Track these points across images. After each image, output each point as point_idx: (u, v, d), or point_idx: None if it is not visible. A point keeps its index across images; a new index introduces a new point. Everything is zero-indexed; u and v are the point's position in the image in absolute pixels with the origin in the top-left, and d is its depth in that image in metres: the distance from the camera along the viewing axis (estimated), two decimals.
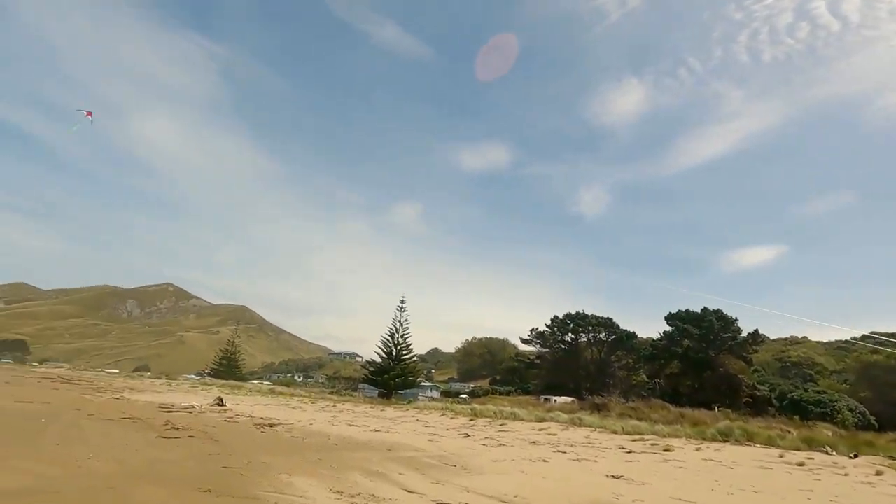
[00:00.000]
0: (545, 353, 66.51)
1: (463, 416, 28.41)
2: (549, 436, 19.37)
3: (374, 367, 57.93)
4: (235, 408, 22.24)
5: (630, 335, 59.36)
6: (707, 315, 49.37)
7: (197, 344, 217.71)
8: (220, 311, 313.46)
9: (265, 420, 16.35)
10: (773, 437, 22.12)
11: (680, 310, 51.99)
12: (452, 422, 24.30)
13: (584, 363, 61.48)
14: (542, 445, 14.24)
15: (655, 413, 30.42)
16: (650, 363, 54.43)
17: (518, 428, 22.23)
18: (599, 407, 33.20)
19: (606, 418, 28.54)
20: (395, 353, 57.45)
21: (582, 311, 61.66)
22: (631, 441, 18.98)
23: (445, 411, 32.03)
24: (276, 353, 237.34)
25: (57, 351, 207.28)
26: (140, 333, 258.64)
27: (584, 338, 62.22)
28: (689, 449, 17.07)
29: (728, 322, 48.63)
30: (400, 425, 19.29)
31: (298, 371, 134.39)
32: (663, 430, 23.47)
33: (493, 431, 19.25)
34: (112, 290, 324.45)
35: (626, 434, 22.22)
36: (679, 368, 50.40)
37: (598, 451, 13.77)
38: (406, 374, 56.17)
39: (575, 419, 27.75)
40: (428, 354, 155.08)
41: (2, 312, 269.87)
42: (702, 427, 24.57)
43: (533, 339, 65.87)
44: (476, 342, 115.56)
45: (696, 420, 27.85)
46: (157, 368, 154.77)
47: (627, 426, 24.28)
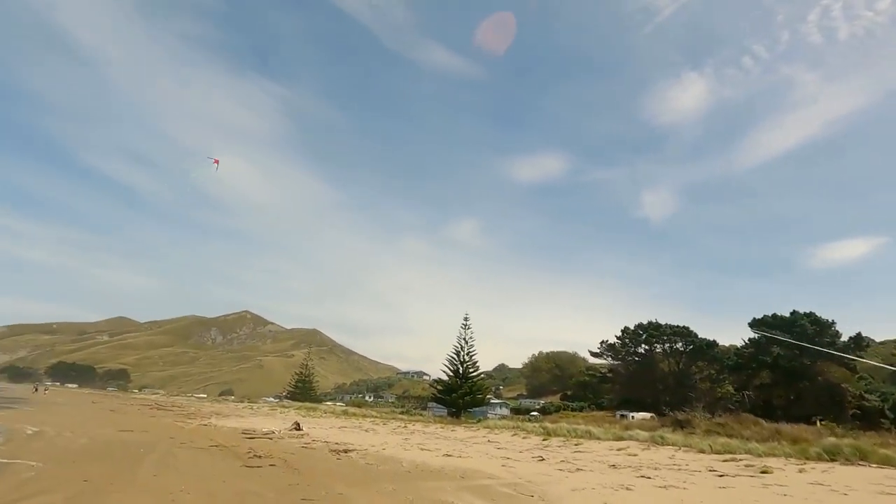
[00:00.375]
0: (618, 366, 63.71)
1: (535, 436, 27.63)
2: (630, 457, 18.34)
3: (442, 386, 57.99)
4: (312, 432, 23.00)
5: (710, 344, 55.50)
6: (798, 319, 45.17)
7: (274, 367, 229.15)
8: (294, 334, 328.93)
9: (340, 445, 16.75)
10: (891, 457, 19.63)
11: (766, 314, 47.97)
12: (525, 442, 23.68)
13: (661, 375, 58.14)
14: (624, 469, 13.47)
15: (747, 429, 27.96)
16: (736, 373, 50.46)
17: (595, 448, 21.24)
18: (682, 423, 31.02)
19: (691, 436, 26.60)
20: (462, 371, 57.25)
21: (655, 321, 58.62)
22: (721, 462, 17.53)
23: (517, 430, 31.33)
24: (346, 373, 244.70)
25: (153, 378, 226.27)
26: (223, 359, 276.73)
27: (659, 348, 58.98)
28: (791, 470, 15.48)
29: (824, 325, 44.22)
30: (471, 447, 19.04)
31: (369, 391, 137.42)
32: (758, 449, 21.48)
33: (568, 453, 18.51)
34: (197, 319, 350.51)
35: (716, 453, 20.56)
36: (770, 378, 46.34)
37: (686, 475, 12.81)
38: (474, 392, 55.74)
39: (656, 437, 26.12)
40: (495, 370, 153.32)
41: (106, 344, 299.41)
42: (803, 444, 22.23)
43: (603, 352, 63.38)
44: (543, 357, 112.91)
45: (795, 436, 25.27)
46: (240, 392, 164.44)
47: (716, 444, 22.49)
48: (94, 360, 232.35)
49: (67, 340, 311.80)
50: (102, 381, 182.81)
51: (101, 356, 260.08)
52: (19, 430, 17.94)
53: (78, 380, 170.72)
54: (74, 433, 17.42)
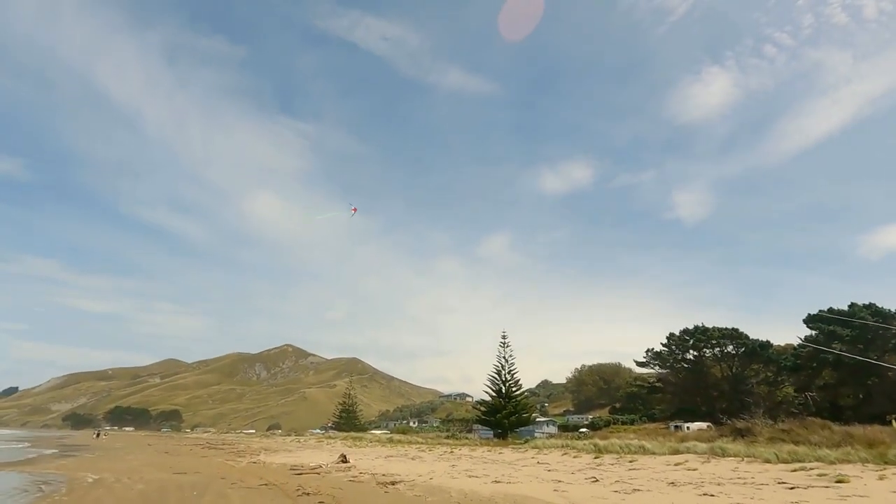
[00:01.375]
0: (666, 375, 61.24)
1: (586, 454, 26.70)
2: (689, 472, 17.40)
3: (486, 407, 57.08)
4: (358, 463, 22.93)
5: (764, 344, 52.69)
6: (858, 311, 42.48)
7: (318, 398, 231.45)
8: (335, 364, 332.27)
9: (387, 477, 16.59)
10: None
11: (821, 309, 45.34)
12: (575, 461, 22.89)
13: (714, 382, 55.48)
14: (684, 486, 12.76)
15: (814, 434, 26.16)
16: (795, 374, 47.63)
17: (650, 464, 20.31)
18: (743, 432, 29.35)
19: (753, 445, 25.07)
20: (505, 390, 56.28)
21: (701, 325, 56.24)
22: (791, 472, 16.41)
23: (567, 449, 30.37)
24: (389, 400, 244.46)
25: (204, 416, 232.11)
26: (269, 393, 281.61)
27: (709, 353, 56.39)
28: (870, 478, 14.32)
29: (887, 317, 41.38)
30: (520, 471, 18.52)
31: (412, 416, 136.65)
32: (829, 456, 20.02)
33: (622, 471, 17.75)
34: (242, 356, 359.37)
35: (783, 463, 19.30)
36: (834, 378, 43.52)
37: (754, 490, 12.03)
38: (519, 412, 54.60)
39: (715, 449, 24.75)
40: (539, 387, 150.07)
41: (158, 387, 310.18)
42: (880, 448, 20.57)
43: (650, 361, 61.11)
44: (587, 370, 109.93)
45: (870, 439, 23.42)
46: (287, 425, 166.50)
47: (782, 453, 21.10)
48: (148, 403, 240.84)
49: (122, 385, 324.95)
50: (157, 423, 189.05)
51: (155, 398, 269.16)
52: (81, 478, 18.61)
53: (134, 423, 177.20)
54: (132, 479, 17.92)
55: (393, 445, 44.39)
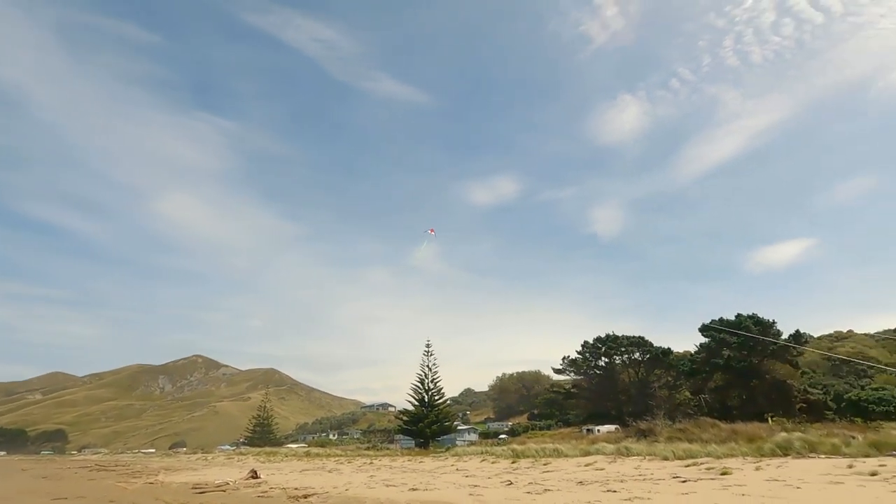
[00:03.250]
0: (581, 381, 64.46)
1: (504, 459, 27.30)
2: (597, 471, 18.36)
3: (408, 417, 56.69)
4: (270, 478, 21.71)
5: (666, 351, 57.24)
6: (743, 321, 47.44)
7: (230, 412, 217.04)
8: (250, 375, 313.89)
9: (300, 490, 15.84)
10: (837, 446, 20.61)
11: (713, 319, 50.15)
12: (494, 467, 23.32)
13: (623, 387, 59.27)
14: (591, 485, 13.42)
15: (706, 432, 28.81)
16: (691, 378, 52.16)
17: (563, 466, 21.18)
18: (645, 432, 31.63)
19: (654, 444, 27.07)
20: (427, 399, 56.29)
21: (612, 333, 59.97)
22: (684, 468, 17.87)
23: (485, 455, 30.89)
24: (308, 412, 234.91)
25: (95, 436, 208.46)
26: (175, 408, 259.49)
27: (619, 360, 60.21)
28: (749, 469, 15.96)
29: (766, 326, 46.62)
30: (439, 478, 18.52)
31: (332, 429, 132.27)
32: (717, 451, 22.08)
33: (537, 473, 18.33)
34: (143, 368, 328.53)
35: (678, 459, 20.96)
36: (723, 380, 48.19)
37: (651, 485, 12.90)
38: (441, 420, 54.76)
39: (621, 449, 26.38)
40: (461, 396, 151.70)
41: (39, 404, 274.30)
42: (758, 442, 23.07)
43: (566, 368, 64.00)
44: (509, 377, 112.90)
45: (750, 435, 26.22)
46: (194, 442, 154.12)
47: (678, 450, 22.94)
48: (26, 423, 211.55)
49: None
50: (35, 445, 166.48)
51: (35, 417, 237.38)
52: None
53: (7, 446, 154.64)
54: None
55: (310, 459, 42.63)
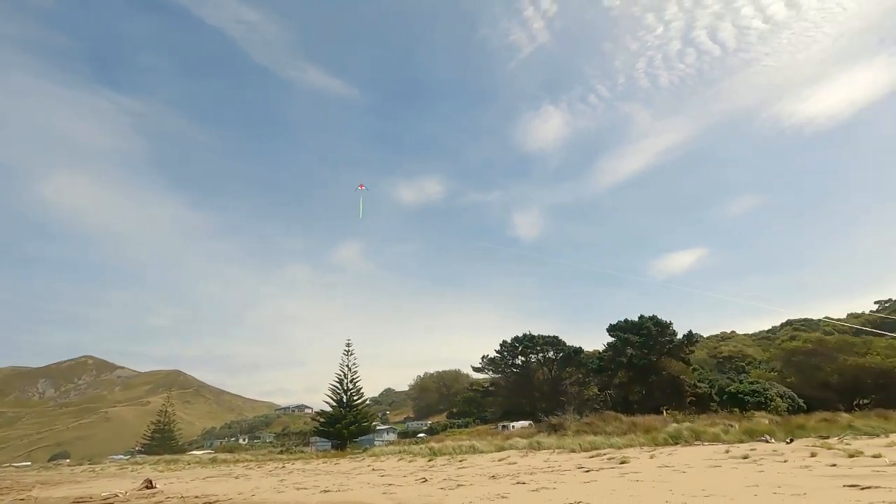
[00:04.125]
0: (498, 379, 66.40)
1: (421, 458, 27.41)
2: (510, 465, 18.99)
3: (325, 418, 55.16)
4: (168, 488, 20.04)
5: (577, 350, 60.68)
6: (645, 322, 51.57)
7: (126, 418, 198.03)
8: (150, 378, 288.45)
9: (201, 499, 14.77)
10: (718, 434, 23.12)
11: (619, 320, 54.03)
12: (410, 465, 23.31)
13: (538, 384, 61.93)
14: (502, 479, 13.84)
15: (609, 425, 30.91)
16: (599, 375, 55.71)
17: (478, 462, 21.66)
18: (556, 427, 33.27)
19: (564, 437, 28.58)
20: (346, 399, 55.17)
21: (529, 333, 62.48)
22: (589, 458, 19.00)
23: (403, 455, 30.83)
24: (217, 416, 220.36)
25: None
26: (57, 415, 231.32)
27: (535, 359, 62.85)
28: (644, 457, 17.33)
29: (664, 326, 51.04)
30: (354, 479, 18.16)
31: (243, 433, 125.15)
32: (618, 442, 23.82)
33: (452, 470, 18.57)
34: (18, 370, 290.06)
35: (584, 451, 22.29)
36: (627, 377, 51.93)
37: (558, 476, 13.58)
38: (359, 421, 53.88)
39: (533, 443, 27.57)
40: (381, 396, 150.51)
41: None
42: (653, 433, 25.21)
43: (485, 367, 65.65)
44: (429, 377, 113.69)
45: (647, 427, 28.55)
46: (80, 453, 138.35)
47: (584, 443, 24.43)
48: None
49: None
50: None
51: None
52: None
53: None
54: None
55: (216, 465, 40.02)
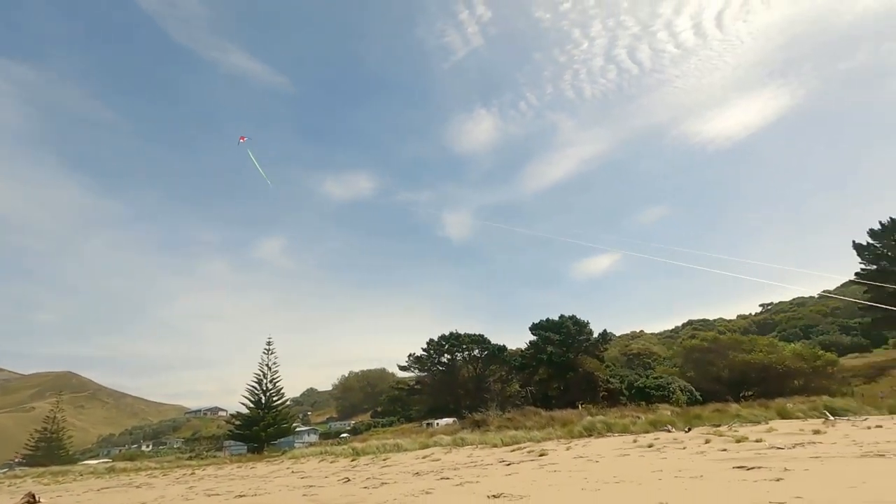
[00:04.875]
0: (424, 378, 66.72)
1: (344, 458, 26.86)
2: (434, 462, 19.10)
3: (241, 420, 52.30)
4: (55, 502, 17.99)
5: (501, 348, 62.49)
6: (564, 322, 54.26)
7: (4, 426, 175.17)
8: (36, 381, 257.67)
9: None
10: (627, 425, 24.81)
11: (542, 319, 56.42)
12: (332, 466, 22.74)
13: (463, 381, 62.98)
14: (426, 475, 13.89)
15: (529, 420, 32.17)
16: (521, 372, 57.78)
17: (402, 460, 21.59)
18: (479, 423, 34.03)
19: (487, 433, 29.31)
20: (265, 400, 52.72)
21: (455, 331, 63.40)
22: (510, 452, 19.60)
23: (325, 455, 30.04)
24: (116, 421, 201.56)
25: None
26: None
27: (460, 357, 63.86)
28: (561, 450, 18.17)
29: (582, 326, 54.02)
30: (272, 482, 17.37)
31: (147, 439, 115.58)
32: (537, 436, 24.83)
33: (376, 469, 18.35)
34: None
35: (506, 445, 22.99)
36: (547, 374, 54.29)
37: (481, 470, 13.86)
38: (279, 422, 51.68)
39: (457, 440, 28.00)
40: (303, 396, 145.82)
41: None
42: (570, 426, 26.59)
43: (411, 365, 65.71)
44: (354, 376, 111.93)
45: (564, 420, 30.07)
46: None
47: (506, 437, 25.20)
48: None
49: None
50: None
51: None
52: None
53: None
54: None
55: (115, 475, 36.55)
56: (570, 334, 53.52)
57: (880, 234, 43.70)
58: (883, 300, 40.86)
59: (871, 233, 44.23)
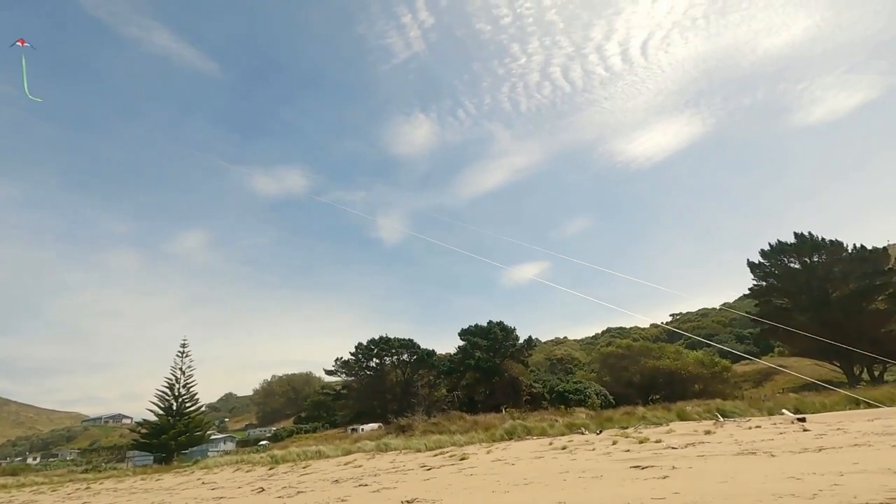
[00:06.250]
0: (351, 382, 65.58)
1: (261, 466, 25.77)
2: (355, 469, 18.88)
3: (148, 429, 48.57)
4: None
5: (430, 353, 62.83)
6: (493, 328, 55.71)
7: None
8: None
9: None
10: (545, 428, 25.94)
11: (471, 325, 57.57)
12: (248, 475, 21.76)
13: (391, 386, 62.56)
14: (345, 482, 13.73)
15: (454, 424, 32.62)
16: (449, 377, 58.47)
17: (323, 467, 21.11)
18: (404, 428, 34.02)
19: (411, 438, 29.36)
20: (177, 406, 49.39)
21: (385, 335, 62.93)
22: (433, 457, 19.81)
23: (241, 464, 28.63)
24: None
25: None
26: None
27: (389, 361, 63.44)
28: (482, 453, 18.66)
29: (509, 332, 55.75)
30: (178, 495, 16.34)
31: (35, 451, 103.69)
32: (461, 440, 25.26)
33: (294, 477, 17.82)
34: None
35: (429, 450, 23.16)
36: (473, 378, 55.38)
37: (401, 475, 13.93)
38: (191, 430, 48.60)
39: (381, 445, 27.79)
40: (220, 402, 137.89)
41: None
42: (492, 430, 27.31)
43: (338, 370, 64.29)
44: (277, 380, 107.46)
45: (487, 424, 30.83)
46: None
47: (430, 442, 25.40)
48: None
49: None
50: None
51: None
52: None
53: None
54: None
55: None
56: (497, 340, 55.00)
57: (769, 254, 49.12)
58: (770, 313, 45.86)
59: (762, 252, 49.62)
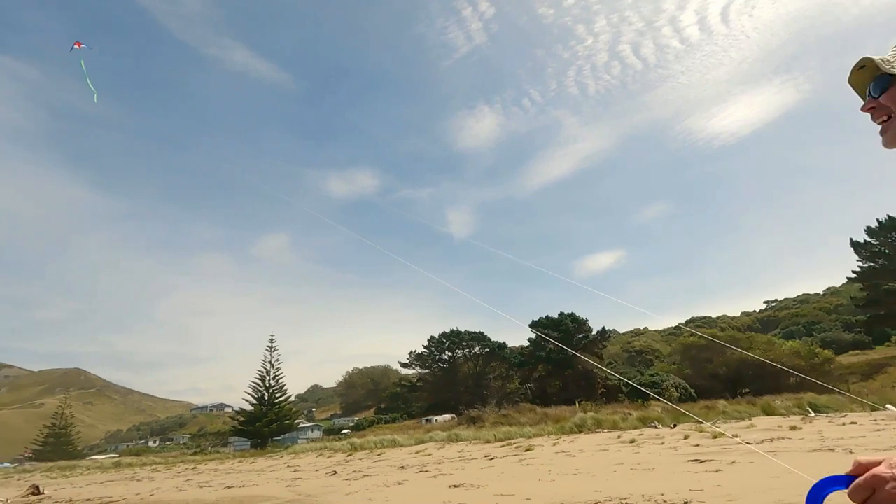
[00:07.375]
0: (425, 375, 67.28)
1: (341, 453, 27.45)
2: (424, 457, 19.60)
3: (245, 417, 53.20)
4: (58, 493, 18.65)
5: (501, 346, 62.87)
6: (563, 319, 54.57)
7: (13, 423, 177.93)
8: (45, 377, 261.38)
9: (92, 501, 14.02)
10: (617, 421, 25.21)
11: (541, 316, 56.76)
12: (328, 461, 23.29)
13: (462, 378, 63.44)
14: (410, 468, 14.38)
15: (524, 416, 32.68)
16: (521, 370, 58.18)
17: (396, 455, 22.11)
18: (475, 419, 34.60)
19: (481, 429, 29.84)
20: (268, 397, 53.55)
21: (456, 329, 63.85)
22: (499, 447, 20.06)
23: (323, 451, 30.68)
24: (123, 418, 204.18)
25: None
26: None
27: (460, 354, 64.32)
28: (548, 445, 18.60)
29: (581, 323, 54.33)
30: (265, 476, 17.95)
31: (154, 435, 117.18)
32: (529, 432, 25.28)
33: (367, 463, 18.88)
34: None
35: (497, 441, 23.44)
36: (545, 371, 54.68)
37: (463, 464, 14.32)
38: (281, 419, 52.52)
39: (451, 436, 28.50)
40: (308, 393, 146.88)
41: None
42: (562, 422, 26.99)
43: (412, 362, 66.29)
44: (357, 373, 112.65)
45: (558, 417, 30.53)
46: None
47: (499, 433, 25.68)
48: None
49: None
50: None
51: None
52: None
53: None
54: None
55: (119, 470, 37.40)
56: (568, 331, 53.81)
57: (878, 231, 43.56)
58: (879, 298, 40.88)
59: (869, 230, 44.10)
